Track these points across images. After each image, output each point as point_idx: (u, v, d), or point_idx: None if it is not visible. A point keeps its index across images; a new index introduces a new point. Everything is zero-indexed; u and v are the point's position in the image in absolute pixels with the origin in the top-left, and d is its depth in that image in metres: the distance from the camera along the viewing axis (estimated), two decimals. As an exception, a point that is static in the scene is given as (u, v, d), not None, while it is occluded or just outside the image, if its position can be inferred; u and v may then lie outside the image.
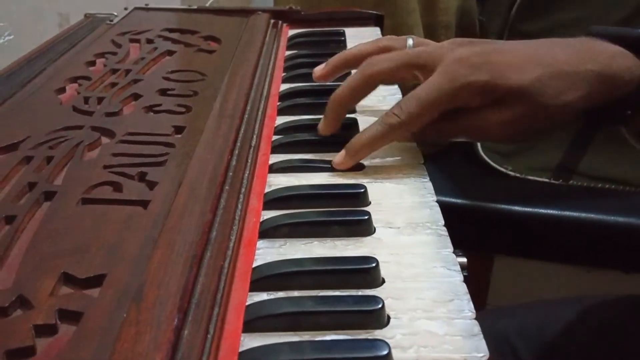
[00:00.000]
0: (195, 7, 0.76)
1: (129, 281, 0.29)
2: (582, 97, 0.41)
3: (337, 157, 0.42)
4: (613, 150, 0.83)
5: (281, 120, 0.49)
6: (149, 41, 0.61)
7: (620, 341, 0.55)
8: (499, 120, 0.41)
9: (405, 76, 0.44)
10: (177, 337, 0.26)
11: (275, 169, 0.42)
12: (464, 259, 0.34)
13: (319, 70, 0.50)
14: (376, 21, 0.72)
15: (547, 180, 0.89)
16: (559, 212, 0.84)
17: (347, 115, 0.48)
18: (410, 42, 0.47)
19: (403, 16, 0.88)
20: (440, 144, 0.95)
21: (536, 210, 0.84)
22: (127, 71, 0.53)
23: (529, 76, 0.40)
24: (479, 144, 0.92)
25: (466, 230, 0.88)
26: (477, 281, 0.94)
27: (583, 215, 0.83)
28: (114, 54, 0.58)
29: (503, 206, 0.85)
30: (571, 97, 0.41)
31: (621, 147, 0.83)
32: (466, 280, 0.32)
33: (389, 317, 0.29)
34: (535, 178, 0.90)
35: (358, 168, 0.42)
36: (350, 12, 0.73)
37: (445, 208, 0.38)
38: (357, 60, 0.47)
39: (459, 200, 0.86)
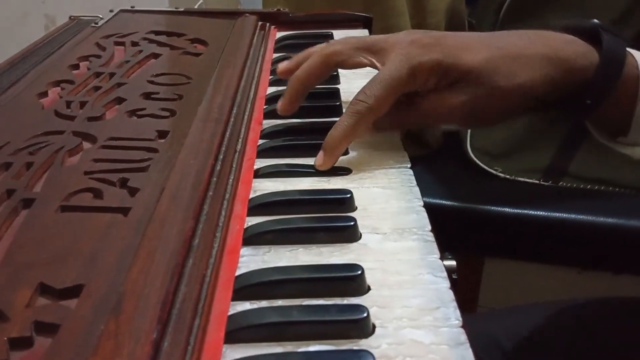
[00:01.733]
0: (182, 9, 0.75)
1: (108, 292, 0.28)
2: (536, 79, 0.42)
3: (318, 158, 0.42)
4: (603, 152, 0.83)
5: (268, 124, 0.48)
6: (134, 44, 0.60)
7: (612, 343, 0.55)
8: (456, 102, 0.41)
9: (362, 61, 0.45)
10: (156, 350, 0.25)
11: (260, 174, 0.41)
12: (453, 262, 0.33)
13: (283, 65, 0.49)
14: (365, 23, 0.71)
15: (537, 181, 0.89)
16: (549, 214, 0.84)
17: (332, 119, 0.47)
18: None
19: (392, 18, 0.88)
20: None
21: (526, 211, 0.84)
22: (111, 74, 0.53)
23: (480, 57, 0.41)
24: (469, 146, 0.92)
25: (456, 232, 0.88)
26: (468, 283, 0.94)
27: (573, 216, 0.83)
28: (98, 57, 0.57)
29: (493, 208, 0.85)
30: (524, 78, 0.41)
31: (611, 149, 0.83)
32: (455, 283, 0.32)
33: (374, 326, 0.28)
34: (525, 179, 0.90)
35: (345, 173, 0.42)
36: (338, 14, 0.72)
37: (435, 210, 0.37)
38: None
39: (448, 202, 0.85)
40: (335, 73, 0.58)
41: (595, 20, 0.45)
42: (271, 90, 0.55)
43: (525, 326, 0.58)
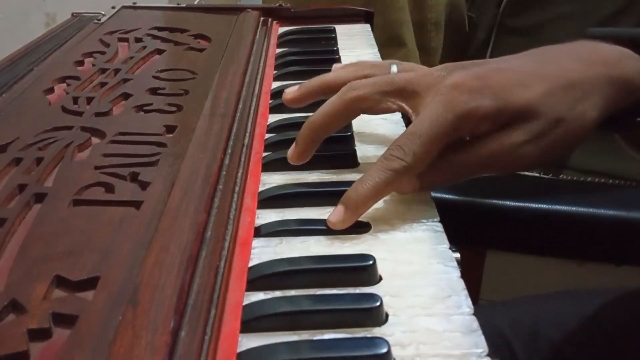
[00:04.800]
0: (183, 5, 0.75)
1: (124, 283, 0.29)
2: (599, 104, 0.38)
3: (335, 215, 0.34)
4: (603, 144, 0.84)
5: (274, 118, 0.49)
6: (138, 40, 0.61)
7: (613, 334, 0.55)
8: (515, 142, 0.36)
9: (391, 106, 0.39)
10: (174, 339, 0.25)
11: (268, 167, 0.42)
12: (457, 255, 0.34)
13: (290, 93, 0.43)
14: (366, 18, 0.72)
15: (537, 174, 0.90)
16: (550, 207, 0.84)
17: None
18: (394, 68, 0.42)
19: (393, 13, 0.88)
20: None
21: (527, 204, 0.85)
22: (116, 70, 0.53)
23: (537, 91, 0.36)
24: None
25: (458, 225, 0.88)
26: (469, 276, 0.94)
27: (574, 209, 0.84)
28: (103, 53, 0.57)
29: (494, 201, 0.85)
30: (587, 105, 0.37)
31: (611, 141, 0.84)
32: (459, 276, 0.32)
33: (387, 315, 0.29)
34: (525, 173, 0.90)
35: (352, 166, 0.42)
36: (340, 9, 0.73)
37: (437, 203, 0.37)
38: (335, 86, 0.41)
39: (450, 196, 0.86)
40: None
41: None
42: (275, 85, 0.55)
43: (528, 318, 0.59)
